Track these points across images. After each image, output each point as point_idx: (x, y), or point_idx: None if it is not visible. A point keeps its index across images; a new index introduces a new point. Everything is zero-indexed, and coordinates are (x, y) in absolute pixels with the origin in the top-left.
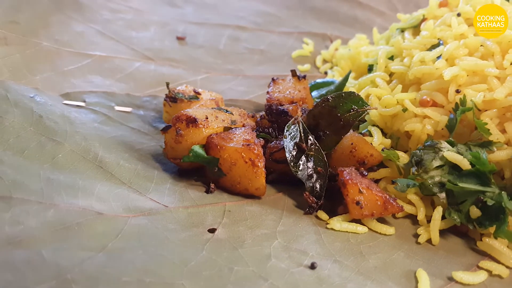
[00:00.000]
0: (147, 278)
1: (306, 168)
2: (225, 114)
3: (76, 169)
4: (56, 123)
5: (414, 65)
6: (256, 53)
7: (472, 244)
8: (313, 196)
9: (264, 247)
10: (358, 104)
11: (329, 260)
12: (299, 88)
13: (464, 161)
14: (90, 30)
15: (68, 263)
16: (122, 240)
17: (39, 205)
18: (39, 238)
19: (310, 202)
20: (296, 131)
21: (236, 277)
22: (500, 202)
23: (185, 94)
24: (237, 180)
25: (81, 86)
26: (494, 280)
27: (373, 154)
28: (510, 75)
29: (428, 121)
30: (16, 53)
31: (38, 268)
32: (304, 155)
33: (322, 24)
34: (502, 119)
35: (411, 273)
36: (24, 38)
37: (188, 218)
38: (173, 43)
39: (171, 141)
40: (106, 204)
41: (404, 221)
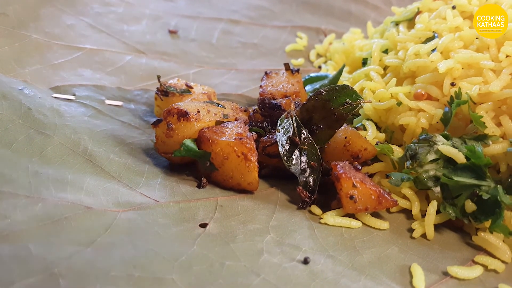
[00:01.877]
0: (137, 272)
1: (299, 162)
2: (217, 108)
3: (65, 163)
4: (45, 116)
5: (409, 58)
6: (250, 47)
7: (467, 239)
8: (306, 191)
9: (257, 242)
10: (352, 98)
11: (322, 255)
12: (293, 82)
13: (459, 155)
14: (80, 23)
15: (56, 258)
16: (111, 235)
17: (27, 199)
18: (27, 232)
19: (304, 197)
20: (289, 125)
21: (227, 272)
22: (496, 196)
23: (177, 87)
24: (229, 174)
25: (71, 79)
26: (490, 275)
27: (367, 148)
28: (505, 67)
29: (423, 115)
30: (5, 46)
31: (25, 262)
32: (298, 149)
33: (316, 18)
34: (498, 112)
35: (405, 268)
36: (13, 30)
37: (179, 213)
38: (165, 37)
39: (162, 135)
40: (96, 198)
41: (399, 216)
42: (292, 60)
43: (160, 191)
